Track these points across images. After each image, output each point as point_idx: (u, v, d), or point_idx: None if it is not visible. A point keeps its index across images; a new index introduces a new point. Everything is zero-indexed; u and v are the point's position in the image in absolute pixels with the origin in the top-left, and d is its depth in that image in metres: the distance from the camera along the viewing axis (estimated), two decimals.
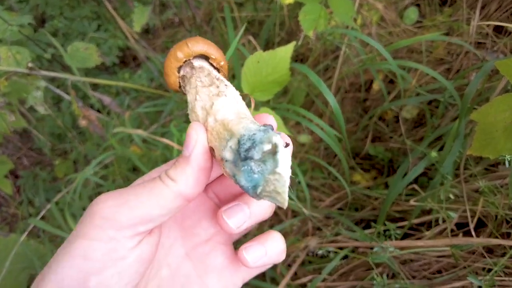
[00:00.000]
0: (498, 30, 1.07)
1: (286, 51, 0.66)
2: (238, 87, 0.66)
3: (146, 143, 1.10)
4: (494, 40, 1.03)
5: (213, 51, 0.36)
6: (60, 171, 1.52)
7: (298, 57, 1.25)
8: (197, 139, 0.30)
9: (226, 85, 0.34)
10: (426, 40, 1.07)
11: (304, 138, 1.17)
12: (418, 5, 1.24)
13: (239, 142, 0.28)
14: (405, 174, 0.74)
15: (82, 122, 1.11)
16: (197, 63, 0.36)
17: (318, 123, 0.75)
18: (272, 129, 0.29)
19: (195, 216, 0.37)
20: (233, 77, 0.90)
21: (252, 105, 0.32)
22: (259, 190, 0.27)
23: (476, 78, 0.63)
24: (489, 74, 0.85)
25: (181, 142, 0.87)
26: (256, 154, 0.27)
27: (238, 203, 0.32)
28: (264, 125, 0.29)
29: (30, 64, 0.89)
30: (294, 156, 1.05)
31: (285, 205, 0.28)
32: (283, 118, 0.82)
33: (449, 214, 0.64)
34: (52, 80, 1.49)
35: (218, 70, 0.37)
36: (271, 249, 0.32)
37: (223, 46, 1.22)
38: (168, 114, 1.19)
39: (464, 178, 0.79)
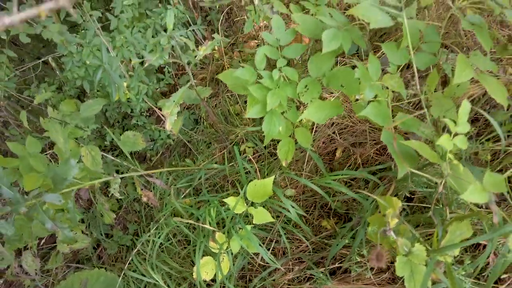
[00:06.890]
0: None
1: (269, 181, 1.24)
2: (244, 196, 1.25)
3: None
4: None
5: None
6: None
7: None
8: None
9: None
10: None
11: (289, 192, 1.74)
12: None
13: None
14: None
15: (144, 199, 1.69)
16: None
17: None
18: None
19: None
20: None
21: None
22: None
23: None
24: None
25: (212, 218, 1.45)
26: None
27: None
28: None
29: (114, 177, 1.48)
30: (279, 215, 1.60)
31: None
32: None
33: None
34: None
35: None
36: None
37: None
38: (197, 185, 1.78)
39: None
